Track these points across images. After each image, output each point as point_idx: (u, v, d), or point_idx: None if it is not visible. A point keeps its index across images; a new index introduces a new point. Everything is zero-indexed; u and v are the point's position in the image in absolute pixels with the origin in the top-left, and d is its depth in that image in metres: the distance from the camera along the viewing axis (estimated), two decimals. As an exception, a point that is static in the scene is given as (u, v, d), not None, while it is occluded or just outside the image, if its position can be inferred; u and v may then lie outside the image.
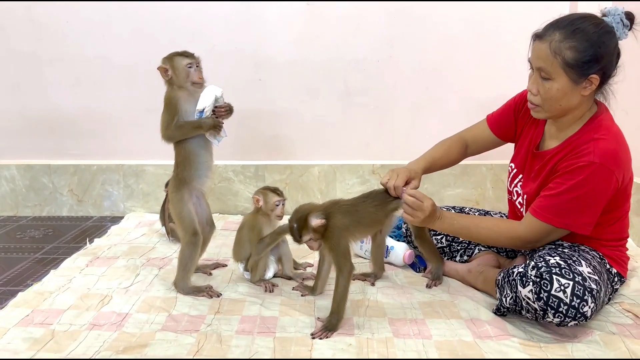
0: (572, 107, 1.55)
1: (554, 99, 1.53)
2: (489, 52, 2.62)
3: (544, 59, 1.50)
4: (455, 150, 1.93)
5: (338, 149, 2.77)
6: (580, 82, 1.49)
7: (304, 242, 1.62)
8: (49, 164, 2.78)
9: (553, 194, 1.55)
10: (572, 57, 1.46)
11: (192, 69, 1.73)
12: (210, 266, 2.03)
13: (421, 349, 1.45)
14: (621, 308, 1.65)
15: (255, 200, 1.86)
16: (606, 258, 1.63)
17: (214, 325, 1.58)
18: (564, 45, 1.46)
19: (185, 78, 1.72)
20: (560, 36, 1.47)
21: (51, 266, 2.06)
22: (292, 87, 2.71)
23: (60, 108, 2.74)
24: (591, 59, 1.46)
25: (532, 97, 1.58)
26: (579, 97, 1.53)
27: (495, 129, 1.87)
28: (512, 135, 1.85)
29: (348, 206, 1.68)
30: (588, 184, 1.49)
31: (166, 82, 1.75)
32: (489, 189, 2.74)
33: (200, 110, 1.71)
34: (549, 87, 1.52)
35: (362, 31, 2.63)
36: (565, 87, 1.50)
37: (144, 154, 2.74)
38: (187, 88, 1.73)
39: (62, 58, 2.68)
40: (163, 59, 1.75)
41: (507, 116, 1.83)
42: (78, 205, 2.81)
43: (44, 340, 1.49)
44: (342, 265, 1.58)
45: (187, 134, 1.74)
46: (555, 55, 1.47)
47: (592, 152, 1.49)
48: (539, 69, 1.53)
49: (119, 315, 1.64)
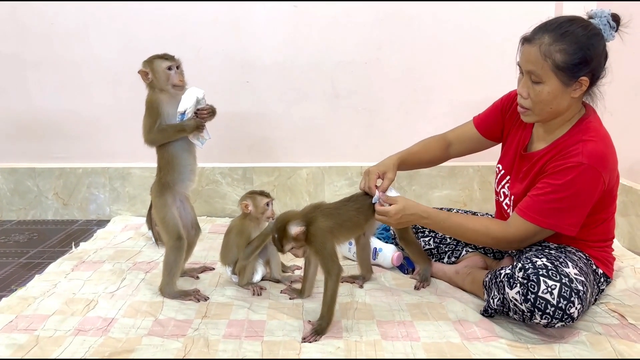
0: (562, 110, 1.56)
1: (545, 102, 1.53)
2: (476, 54, 2.64)
3: (534, 62, 1.50)
4: (435, 148, 1.93)
5: (326, 151, 2.77)
6: (570, 85, 1.50)
7: (286, 251, 1.62)
8: (33, 167, 2.75)
9: (540, 194, 1.55)
10: (562, 60, 1.47)
11: (172, 71, 1.71)
12: (197, 270, 2.01)
13: (409, 351, 1.45)
14: (607, 308, 1.67)
15: (243, 206, 1.84)
16: (592, 259, 1.64)
17: (201, 330, 1.56)
18: (554, 48, 1.47)
19: (165, 81, 1.71)
20: (549, 39, 1.48)
21: (36, 271, 2.04)
22: (279, 89, 2.70)
23: (45, 110, 2.71)
24: (581, 61, 1.47)
25: (522, 100, 1.58)
26: (569, 100, 1.54)
27: (481, 128, 1.88)
28: (498, 134, 1.86)
29: (330, 209, 1.68)
30: (575, 185, 1.50)
31: (147, 86, 1.74)
32: (476, 190, 2.75)
33: (181, 112, 1.69)
34: (539, 90, 1.52)
35: (350, 33, 2.64)
36: (555, 89, 1.50)
37: (130, 156, 2.72)
38: (168, 91, 1.72)
39: (46, 60, 2.66)
40: (143, 62, 1.73)
41: (495, 116, 1.84)
42: (63, 208, 2.78)
43: (28, 346, 1.47)
44: (329, 268, 1.57)
45: (169, 137, 1.73)
46: (545, 58, 1.48)
47: (581, 153, 1.50)
48: (529, 73, 1.53)
49: (104, 320, 1.62)
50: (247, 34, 2.64)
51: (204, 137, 1.75)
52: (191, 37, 2.62)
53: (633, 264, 1.98)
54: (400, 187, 2.70)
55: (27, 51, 2.65)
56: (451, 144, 1.94)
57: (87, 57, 2.65)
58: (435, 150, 1.93)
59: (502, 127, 1.83)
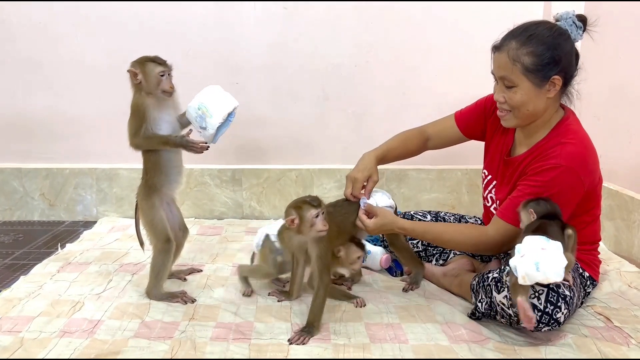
0: (540, 111, 1.58)
1: (521, 104, 1.55)
2: (466, 57, 2.65)
3: (504, 68, 1.54)
4: (414, 142, 1.94)
5: (315, 153, 2.77)
6: (543, 86, 1.53)
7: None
8: (19, 167, 2.72)
9: (519, 195, 1.56)
10: (530, 62, 1.50)
11: (164, 77, 1.70)
12: (184, 272, 2.00)
13: (397, 353, 1.45)
14: (593, 311, 1.68)
15: (289, 222, 1.57)
16: (579, 262, 1.65)
17: (188, 332, 1.55)
18: (522, 52, 1.51)
19: (156, 85, 1.70)
20: (516, 44, 1.52)
21: (21, 272, 2.01)
22: (269, 91, 2.70)
23: (32, 110, 2.68)
24: (550, 61, 1.50)
25: (500, 105, 1.61)
26: (545, 100, 1.56)
27: (462, 126, 1.89)
28: (479, 134, 1.87)
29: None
30: (554, 186, 1.51)
31: (133, 86, 1.72)
32: (464, 193, 2.76)
33: (221, 119, 1.68)
34: (513, 94, 1.55)
35: (339, 36, 2.64)
36: (529, 92, 1.53)
37: (117, 157, 2.70)
38: (156, 95, 1.71)
39: (33, 60, 2.63)
40: (133, 62, 1.71)
41: (477, 116, 1.86)
42: (50, 209, 2.75)
43: (12, 348, 1.45)
44: (323, 275, 1.58)
45: (153, 146, 1.72)
46: (514, 62, 1.51)
47: (559, 155, 1.52)
48: (501, 79, 1.57)
49: (90, 322, 1.60)
50: (237, 35, 2.64)
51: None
52: (180, 38, 2.61)
53: (619, 267, 1.99)
54: (388, 190, 2.69)
55: (14, 50, 2.62)
56: (430, 138, 1.95)
57: (74, 57, 2.63)
58: (414, 145, 1.94)
59: (483, 128, 1.85)
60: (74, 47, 2.62)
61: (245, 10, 2.61)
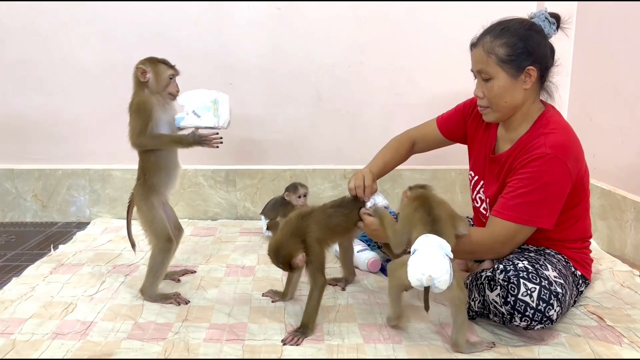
0: (518, 103, 1.61)
1: (498, 96, 1.59)
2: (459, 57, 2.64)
3: (480, 61, 1.59)
4: (404, 150, 1.98)
5: (310, 154, 2.77)
6: (518, 76, 1.57)
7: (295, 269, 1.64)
8: (12, 168, 2.71)
9: (511, 191, 1.57)
10: (504, 53, 1.55)
11: (172, 80, 1.74)
12: (178, 273, 1.99)
13: (391, 353, 1.45)
14: (586, 310, 1.69)
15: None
16: (571, 261, 1.66)
17: (182, 333, 1.55)
18: (495, 44, 1.56)
19: (164, 87, 1.73)
20: (490, 38, 1.58)
21: (13, 274, 2.00)
22: (263, 92, 2.69)
23: (24, 111, 2.67)
24: (522, 51, 1.55)
25: (480, 101, 1.65)
26: (522, 92, 1.59)
27: (443, 130, 1.93)
28: (460, 137, 1.91)
29: (322, 216, 1.67)
30: (544, 176, 1.52)
31: (137, 84, 1.72)
32: (457, 193, 2.77)
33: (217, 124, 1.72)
34: (490, 86, 1.59)
35: (333, 36, 2.64)
36: (506, 83, 1.57)
37: (110, 158, 2.69)
38: (162, 96, 1.73)
39: (25, 60, 2.62)
40: (144, 60, 1.72)
41: (456, 120, 1.89)
42: (42, 210, 2.74)
43: (3, 350, 1.44)
44: (317, 278, 1.58)
45: (161, 145, 1.73)
46: (489, 54, 1.57)
47: (544, 144, 1.54)
48: (479, 72, 1.61)
49: (83, 324, 1.60)
50: (230, 36, 2.63)
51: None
52: (173, 38, 2.60)
53: (611, 267, 2.00)
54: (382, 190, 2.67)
55: (6, 50, 2.61)
56: (416, 143, 1.99)
57: (67, 57, 2.62)
58: (405, 153, 1.99)
59: (464, 130, 1.88)
60: (66, 47, 2.60)
61: (239, 10, 2.60)
